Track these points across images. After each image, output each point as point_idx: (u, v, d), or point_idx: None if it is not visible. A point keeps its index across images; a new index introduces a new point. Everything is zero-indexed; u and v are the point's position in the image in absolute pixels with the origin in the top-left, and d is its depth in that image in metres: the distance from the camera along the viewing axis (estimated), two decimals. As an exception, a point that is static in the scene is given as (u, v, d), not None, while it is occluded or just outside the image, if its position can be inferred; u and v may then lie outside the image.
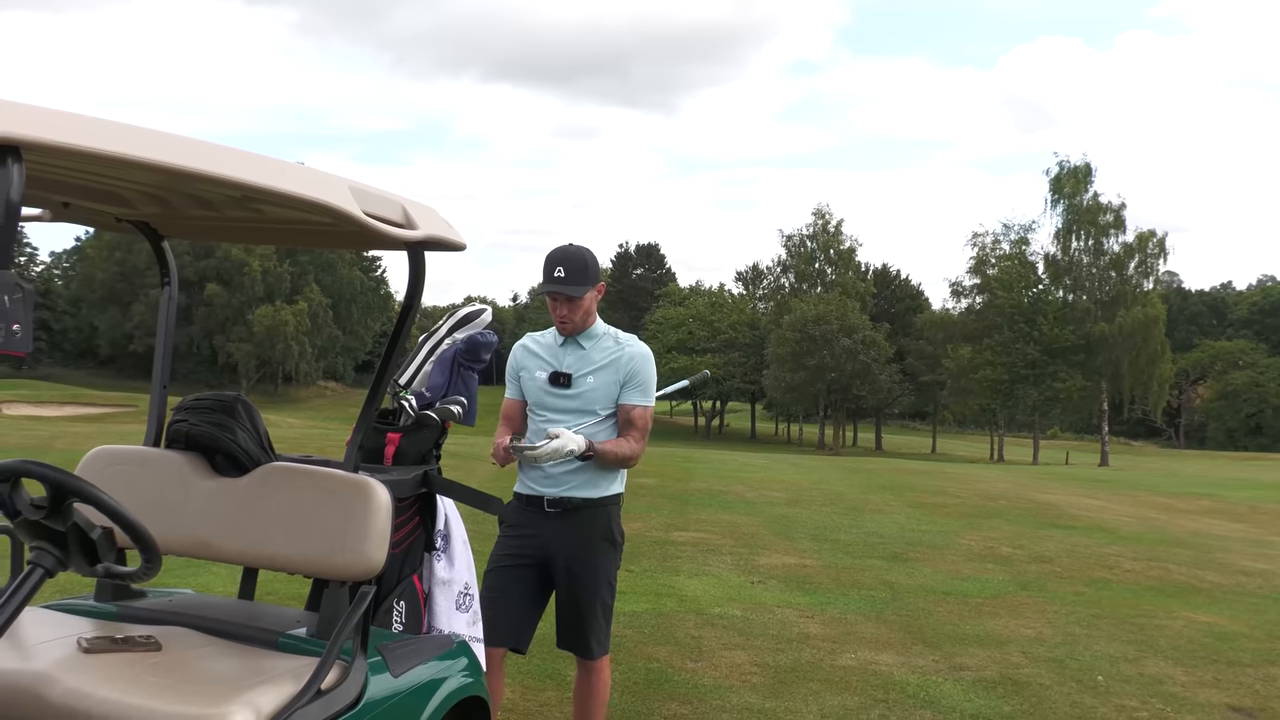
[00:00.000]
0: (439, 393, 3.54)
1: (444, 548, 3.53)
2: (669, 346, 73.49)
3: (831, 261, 74.19)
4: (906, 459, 43.16)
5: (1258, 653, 6.90)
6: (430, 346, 3.61)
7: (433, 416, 3.43)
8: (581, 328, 3.90)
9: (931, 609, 7.84)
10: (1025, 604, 8.20)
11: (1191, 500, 19.91)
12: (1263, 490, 24.72)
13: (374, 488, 2.89)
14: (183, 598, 3.27)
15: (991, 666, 6.27)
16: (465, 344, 3.57)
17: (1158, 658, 6.65)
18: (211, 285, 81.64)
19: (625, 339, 3.98)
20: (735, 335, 75.27)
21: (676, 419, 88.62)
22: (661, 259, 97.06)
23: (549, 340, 3.98)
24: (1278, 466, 47.24)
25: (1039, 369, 58.17)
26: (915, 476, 21.42)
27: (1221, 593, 9.16)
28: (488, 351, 3.62)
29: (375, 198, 2.71)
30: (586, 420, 3.86)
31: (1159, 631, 7.37)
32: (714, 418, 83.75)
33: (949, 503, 15.65)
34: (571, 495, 3.89)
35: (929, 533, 12.02)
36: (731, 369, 73.59)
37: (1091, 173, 59.04)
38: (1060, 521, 13.96)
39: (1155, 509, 17.59)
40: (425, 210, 2.94)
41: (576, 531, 3.92)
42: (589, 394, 3.88)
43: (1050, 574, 9.64)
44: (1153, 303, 57.67)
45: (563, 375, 3.88)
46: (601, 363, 3.90)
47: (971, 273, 62.77)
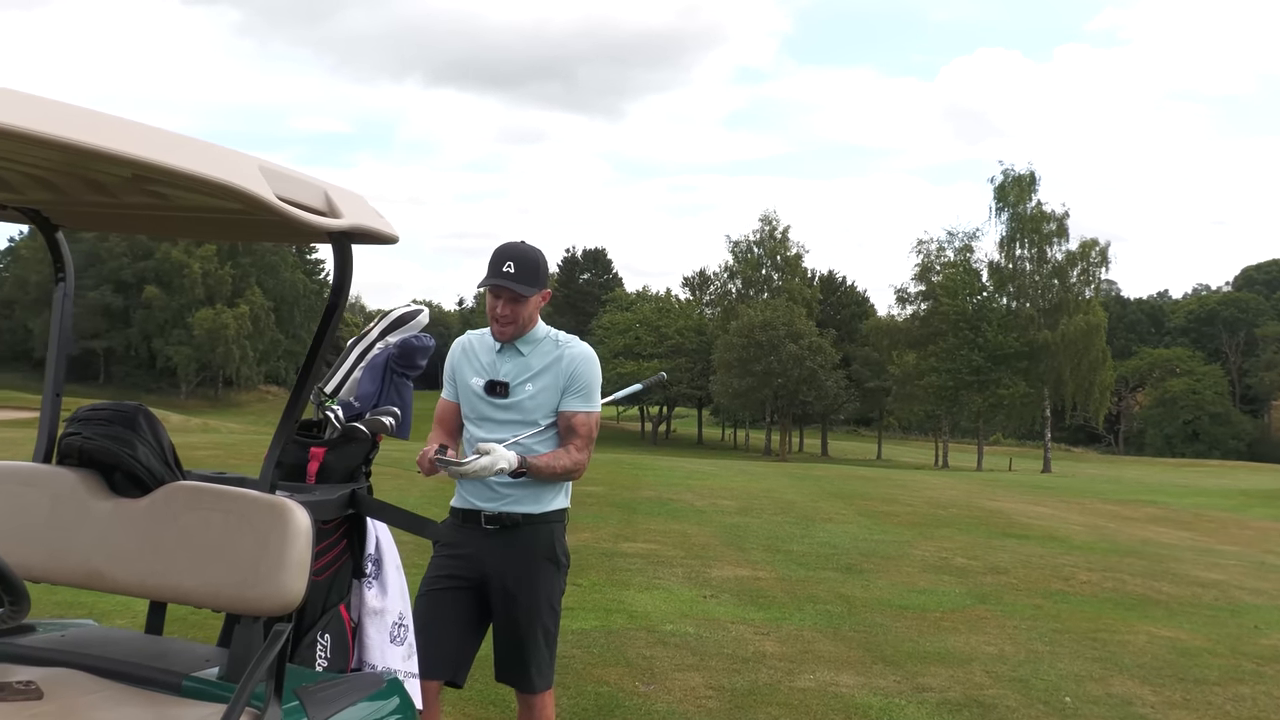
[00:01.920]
0: (369, 402, 3.18)
1: (375, 574, 3.18)
2: (616, 351, 73.21)
3: (778, 267, 74.45)
4: (853, 465, 43.21)
5: (1224, 670, 6.72)
6: (360, 351, 3.26)
7: (361, 429, 3.08)
8: (519, 334, 3.60)
9: (889, 624, 7.59)
10: (984, 618, 7.98)
11: (1138, 507, 19.96)
12: (1205, 497, 24.95)
13: (291, 510, 2.54)
14: (79, 632, 2.90)
15: (955, 687, 6.02)
16: (398, 348, 3.22)
17: (1124, 676, 6.44)
18: (150, 287, 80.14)
19: (565, 340, 3.68)
20: (682, 341, 75.16)
21: (623, 424, 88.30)
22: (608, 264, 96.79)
23: (488, 342, 3.68)
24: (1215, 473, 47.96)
25: (983, 375, 58.68)
26: (864, 484, 21.29)
27: (1179, 605, 9.01)
28: (424, 357, 3.27)
29: (292, 181, 2.36)
30: (526, 431, 3.57)
31: (1122, 648, 7.17)
32: (661, 423, 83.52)
33: (900, 511, 15.49)
34: (511, 510, 3.59)
35: (882, 542, 11.81)
36: (679, 374, 73.42)
37: (1035, 182, 59.84)
38: (1012, 530, 13.83)
39: (1103, 517, 17.58)
40: (352, 198, 2.60)
41: (516, 550, 3.61)
42: (527, 403, 3.59)
43: (1007, 586, 9.45)
44: (1094, 310, 58.49)
45: (499, 384, 3.59)
46: (540, 368, 3.61)
47: (916, 280, 63.29)
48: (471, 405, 3.66)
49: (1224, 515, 19.29)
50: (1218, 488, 30.53)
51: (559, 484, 3.67)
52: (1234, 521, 18.30)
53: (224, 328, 79.62)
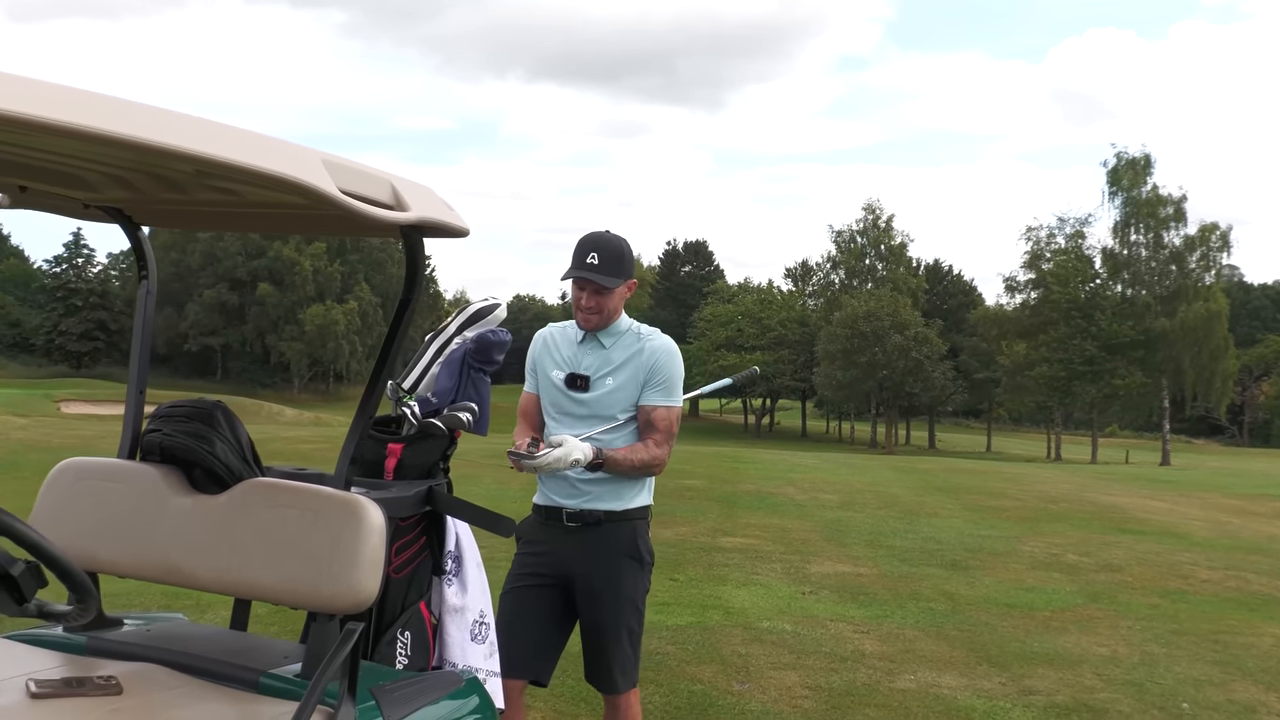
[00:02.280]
0: (447, 398, 3.14)
1: (455, 571, 3.14)
2: (718, 344, 73.02)
3: (882, 257, 73.32)
4: (961, 458, 42.37)
5: (1357, 675, 6.35)
6: (438, 346, 3.22)
7: (438, 425, 3.04)
8: (604, 324, 3.55)
9: (995, 623, 7.36)
10: (1096, 618, 7.68)
11: (1264, 502, 19.10)
12: (1336, 491, 23.79)
13: (364, 507, 2.51)
14: (165, 627, 2.92)
15: (1064, 690, 5.79)
16: (475, 343, 3.17)
17: (1247, 681, 6.12)
18: (263, 285, 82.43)
19: (647, 333, 3.61)
20: (785, 332, 74.52)
21: (726, 417, 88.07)
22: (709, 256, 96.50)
23: (570, 335, 3.64)
24: (1348, 465, 45.74)
25: (1097, 365, 56.93)
26: (971, 477, 20.79)
27: (1308, 605, 8.57)
28: (500, 352, 3.22)
29: (357, 174, 2.32)
30: (604, 426, 3.51)
31: (1245, 651, 6.83)
32: (764, 416, 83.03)
33: (1008, 505, 15.07)
34: (593, 507, 3.54)
35: (989, 538, 11.49)
36: (781, 366, 72.88)
37: (1150, 164, 57.72)
38: (1127, 526, 13.34)
39: (1226, 511, 16.86)
40: (420, 190, 2.55)
41: (599, 548, 3.56)
42: (607, 398, 3.53)
43: (1121, 584, 9.10)
44: (1215, 297, 56.24)
45: (580, 377, 3.54)
46: (621, 362, 3.54)
47: (1026, 268, 61.67)
48: (551, 398, 3.61)
49: (1357, 510, 18.33)
50: (1350, 481, 29.11)
51: (640, 480, 3.60)
52: (1368, 517, 17.39)
53: (334, 324, 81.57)
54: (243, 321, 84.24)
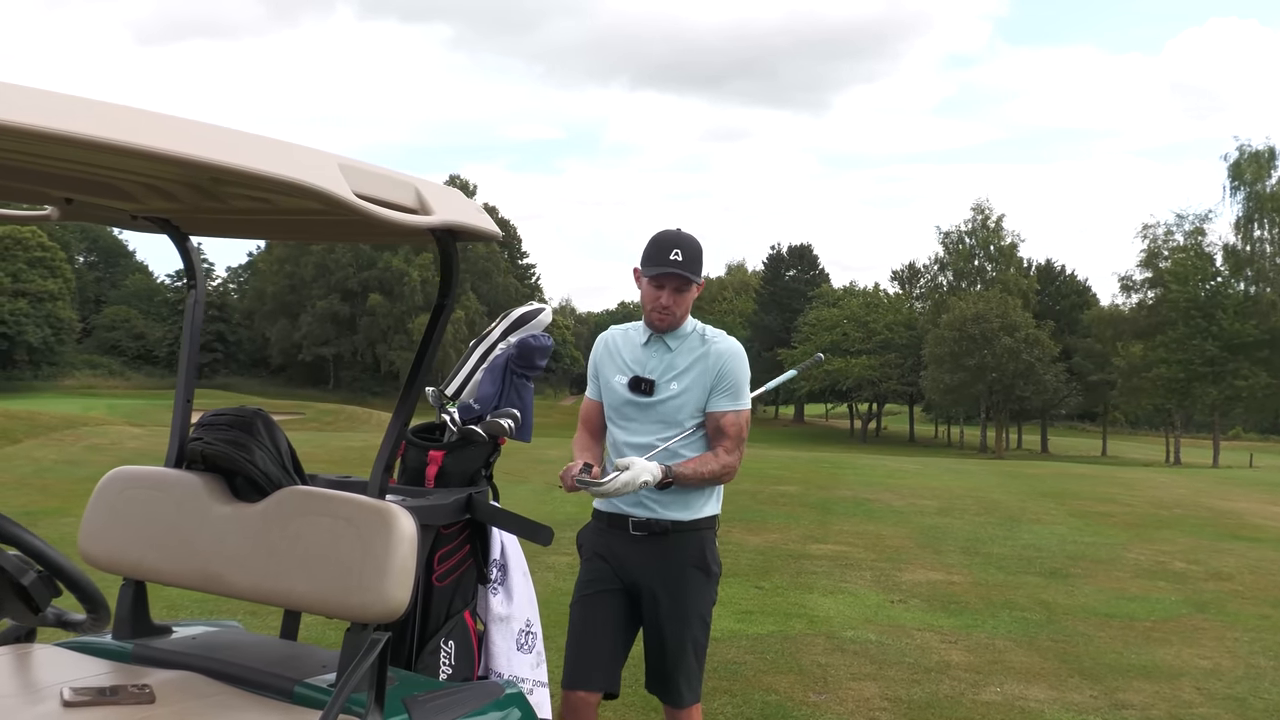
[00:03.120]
0: (489, 404, 3.13)
1: (500, 580, 3.12)
2: (822, 348, 72.26)
3: (991, 258, 71.76)
4: (1074, 462, 41.13)
5: None
6: (482, 352, 3.20)
7: (479, 432, 3.02)
8: (675, 325, 3.45)
9: (1092, 634, 7.08)
10: (1201, 629, 7.35)
11: (1395, 508, 18.12)
12: None
13: (396, 515, 2.50)
14: (213, 635, 2.95)
15: (1160, 705, 5.53)
16: (517, 349, 3.15)
17: (1360, 697, 5.78)
18: (374, 295, 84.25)
19: (712, 335, 3.50)
20: (891, 336, 73.38)
21: (832, 422, 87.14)
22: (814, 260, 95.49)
23: (633, 338, 3.53)
24: None
25: (1218, 366, 54.83)
26: (1081, 482, 20.14)
27: None
28: (543, 358, 3.19)
29: (378, 178, 2.31)
30: (671, 433, 3.40)
31: (1361, 665, 6.45)
32: (870, 421, 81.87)
33: (1117, 511, 14.55)
34: (659, 516, 3.43)
35: (1093, 545, 11.09)
36: (888, 370, 71.82)
37: (1275, 157, 55.64)
38: (1243, 532, 12.77)
39: (1353, 518, 16.03)
40: (447, 194, 2.54)
41: (666, 559, 3.45)
42: (673, 403, 3.41)
43: (1231, 593, 8.69)
44: (1347, 294, 53.77)
45: (645, 381, 3.42)
46: (686, 366, 3.43)
47: (1142, 266, 59.75)
48: (615, 404, 3.50)
49: None
50: None
51: (709, 489, 3.51)
52: None
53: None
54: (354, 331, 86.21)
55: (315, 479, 2.97)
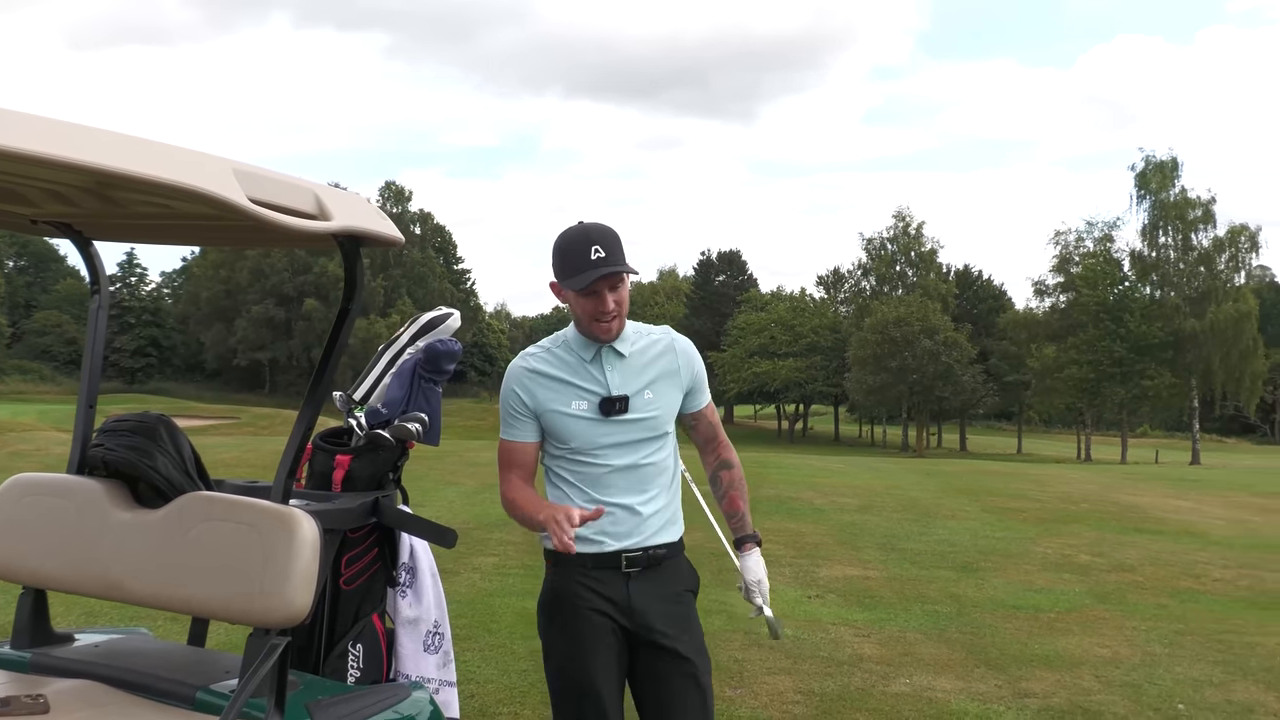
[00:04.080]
0: (397, 408, 3.08)
1: (409, 582, 3.08)
2: (751, 351, 72.74)
3: (912, 263, 72.76)
4: (990, 460, 41.86)
5: (1362, 675, 6.14)
6: (390, 357, 3.16)
7: (386, 436, 2.98)
8: (622, 328, 2.89)
9: (999, 625, 7.20)
10: (1102, 619, 7.51)
11: (1288, 501, 18.69)
12: (1365, 489, 23.23)
13: (298, 520, 2.45)
14: (117, 643, 2.87)
15: (1060, 693, 5.63)
16: (425, 353, 3.11)
17: (1248, 681, 5.94)
18: (309, 300, 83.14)
19: (659, 330, 3.02)
20: (817, 339, 74.03)
21: (760, 423, 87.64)
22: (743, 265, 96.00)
23: (570, 357, 2.89)
24: (1380, 463, 44.76)
25: (1126, 367, 56.13)
26: (995, 479, 20.51)
27: (1320, 604, 8.33)
28: (450, 362, 3.15)
29: (275, 184, 2.27)
30: (650, 449, 2.91)
31: (1250, 650, 6.63)
32: (797, 421, 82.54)
33: (1028, 507, 14.83)
34: (655, 543, 2.90)
35: (1003, 540, 11.29)
36: (814, 372, 72.46)
37: (1178, 167, 56.92)
38: (1145, 525, 13.09)
39: (1249, 510, 16.49)
40: (348, 200, 2.50)
41: (665, 590, 2.90)
42: (653, 415, 2.91)
43: (1131, 584, 8.90)
44: (1244, 297, 55.40)
45: (618, 400, 2.85)
46: (654, 371, 2.93)
47: (1055, 271, 60.98)
48: (581, 438, 2.85)
49: (1383, 508, 17.88)
50: (1380, 479, 28.45)
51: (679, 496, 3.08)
52: (1394, 515, 16.95)
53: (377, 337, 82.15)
54: (290, 336, 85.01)
55: (221, 484, 2.91)
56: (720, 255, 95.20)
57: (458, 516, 10.75)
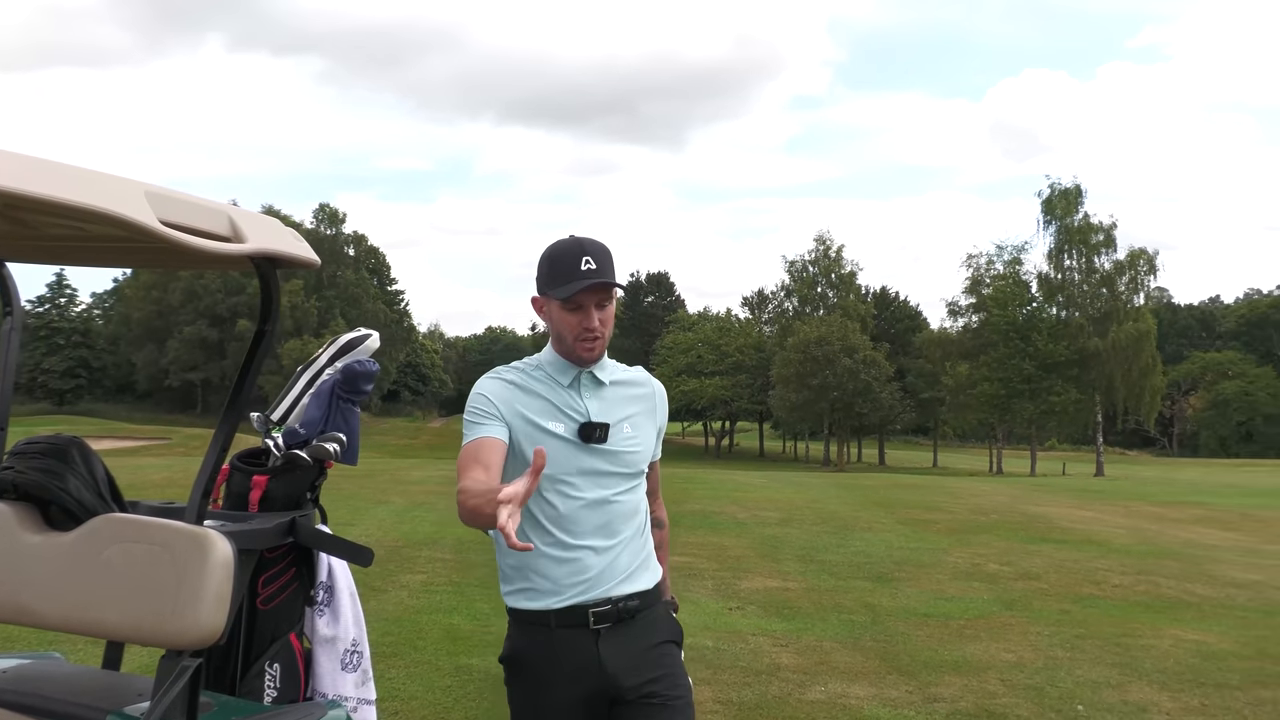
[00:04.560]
0: (315, 429, 3.04)
1: (327, 601, 3.03)
2: (679, 370, 73.02)
3: (833, 285, 73.67)
4: (907, 473, 42.47)
5: (1246, 673, 6.33)
6: (309, 377, 3.12)
7: (303, 457, 2.94)
8: (604, 351, 2.62)
9: (911, 633, 7.29)
10: (1009, 625, 7.64)
11: (1184, 509, 19.25)
12: (1255, 497, 23.99)
13: (212, 541, 2.40)
14: (27, 668, 2.78)
15: (967, 696, 5.72)
16: (343, 373, 3.08)
17: (1142, 682, 6.08)
18: (243, 321, 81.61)
19: (636, 370, 2.76)
20: (742, 358, 74.64)
21: (688, 439, 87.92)
22: (671, 287, 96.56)
23: (545, 380, 2.57)
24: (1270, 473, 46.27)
25: (1034, 383, 57.40)
26: (911, 492, 20.80)
27: (1211, 607, 8.57)
28: (368, 382, 3.12)
29: (189, 206, 2.23)
30: (624, 487, 2.56)
31: (1145, 652, 6.80)
32: (723, 437, 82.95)
33: (941, 519, 15.06)
34: (626, 592, 2.50)
35: (917, 550, 11.45)
36: (739, 390, 73.01)
37: (1082, 194, 58.56)
38: (1051, 535, 13.36)
39: (1147, 519, 16.96)
40: (263, 223, 2.47)
41: (644, 646, 2.50)
42: (631, 449, 2.58)
43: (1036, 591, 9.07)
44: (1144, 317, 57.08)
45: (598, 427, 2.52)
46: (634, 406, 2.65)
47: (967, 293, 62.24)
48: (557, 461, 2.48)
49: (1271, 515, 18.49)
50: (1270, 487, 29.40)
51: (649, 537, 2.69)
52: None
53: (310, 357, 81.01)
54: (223, 357, 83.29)
55: (136, 506, 2.84)
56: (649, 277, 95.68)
57: (388, 535, 10.62)
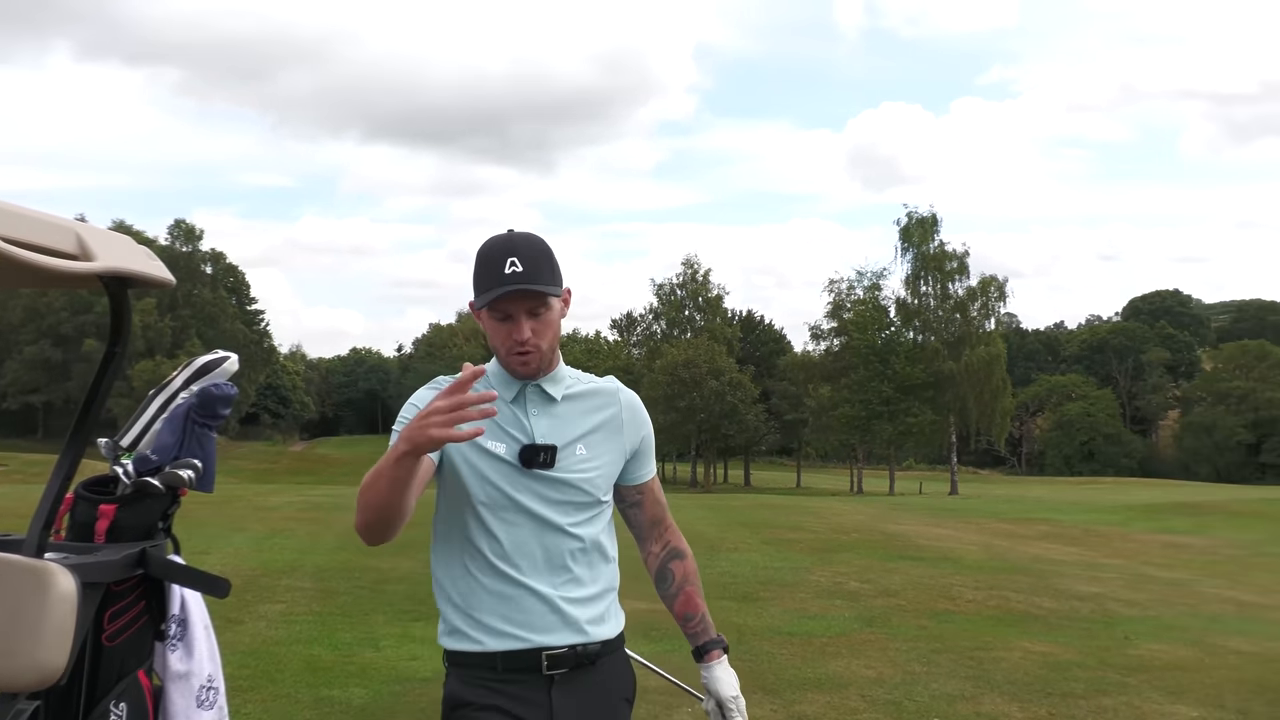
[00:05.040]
0: (168, 455, 2.92)
1: (180, 635, 2.90)
2: (547, 392, 72.95)
3: (700, 308, 74.80)
4: (772, 494, 43.22)
5: (1090, 682, 6.64)
6: (162, 401, 3.00)
7: (155, 484, 2.82)
8: (548, 366, 2.28)
9: (776, 652, 7.41)
10: (869, 641, 7.83)
11: (1031, 525, 20.09)
12: (1096, 513, 25.21)
13: (52, 574, 2.29)
14: None
15: (830, 713, 5.84)
16: (198, 397, 2.97)
17: (994, 694, 6.31)
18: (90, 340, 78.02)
19: (603, 380, 2.44)
20: (611, 380, 75.13)
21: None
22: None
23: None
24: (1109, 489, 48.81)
25: (893, 405, 59.23)
26: (774, 512, 21.18)
27: (1057, 619, 8.96)
28: (225, 406, 3.01)
29: (32, 222, 2.13)
30: (579, 518, 2.26)
31: (996, 665, 7.06)
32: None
33: (804, 538, 15.37)
34: (588, 640, 2.25)
35: (781, 570, 11.65)
36: (608, 412, 73.36)
37: (937, 223, 60.87)
38: (908, 553, 13.77)
39: (998, 535, 17.63)
40: (113, 240, 2.37)
41: (595, 697, 2.27)
42: (585, 475, 2.27)
43: (895, 608, 9.33)
44: (994, 342, 59.49)
45: (544, 450, 2.22)
46: (591, 422, 2.33)
47: (829, 317, 63.96)
48: (493, 484, 2.21)
49: (1110, 530, 19.47)
50: (1109, 503, 30.93)
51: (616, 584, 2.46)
52: (1119, 535, 18.47)
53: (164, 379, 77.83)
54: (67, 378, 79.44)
55: None
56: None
57: (245, 563, 10.26)
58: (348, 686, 6.04)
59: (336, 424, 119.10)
